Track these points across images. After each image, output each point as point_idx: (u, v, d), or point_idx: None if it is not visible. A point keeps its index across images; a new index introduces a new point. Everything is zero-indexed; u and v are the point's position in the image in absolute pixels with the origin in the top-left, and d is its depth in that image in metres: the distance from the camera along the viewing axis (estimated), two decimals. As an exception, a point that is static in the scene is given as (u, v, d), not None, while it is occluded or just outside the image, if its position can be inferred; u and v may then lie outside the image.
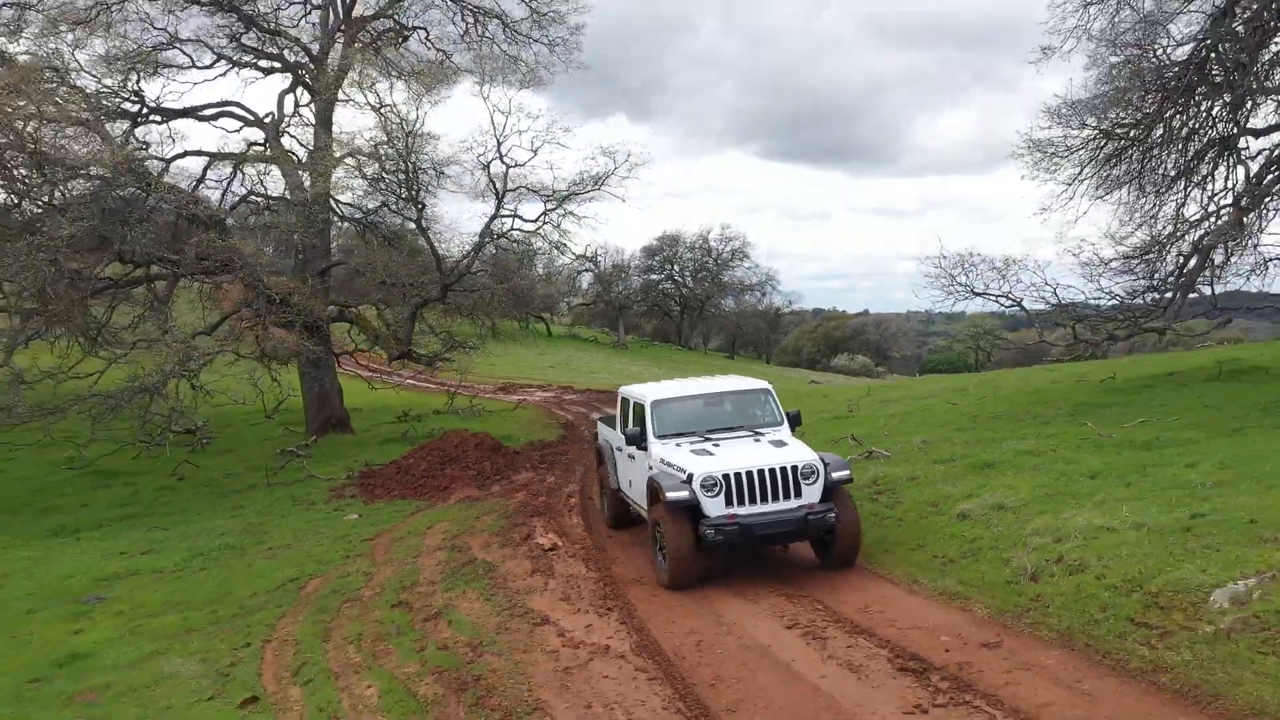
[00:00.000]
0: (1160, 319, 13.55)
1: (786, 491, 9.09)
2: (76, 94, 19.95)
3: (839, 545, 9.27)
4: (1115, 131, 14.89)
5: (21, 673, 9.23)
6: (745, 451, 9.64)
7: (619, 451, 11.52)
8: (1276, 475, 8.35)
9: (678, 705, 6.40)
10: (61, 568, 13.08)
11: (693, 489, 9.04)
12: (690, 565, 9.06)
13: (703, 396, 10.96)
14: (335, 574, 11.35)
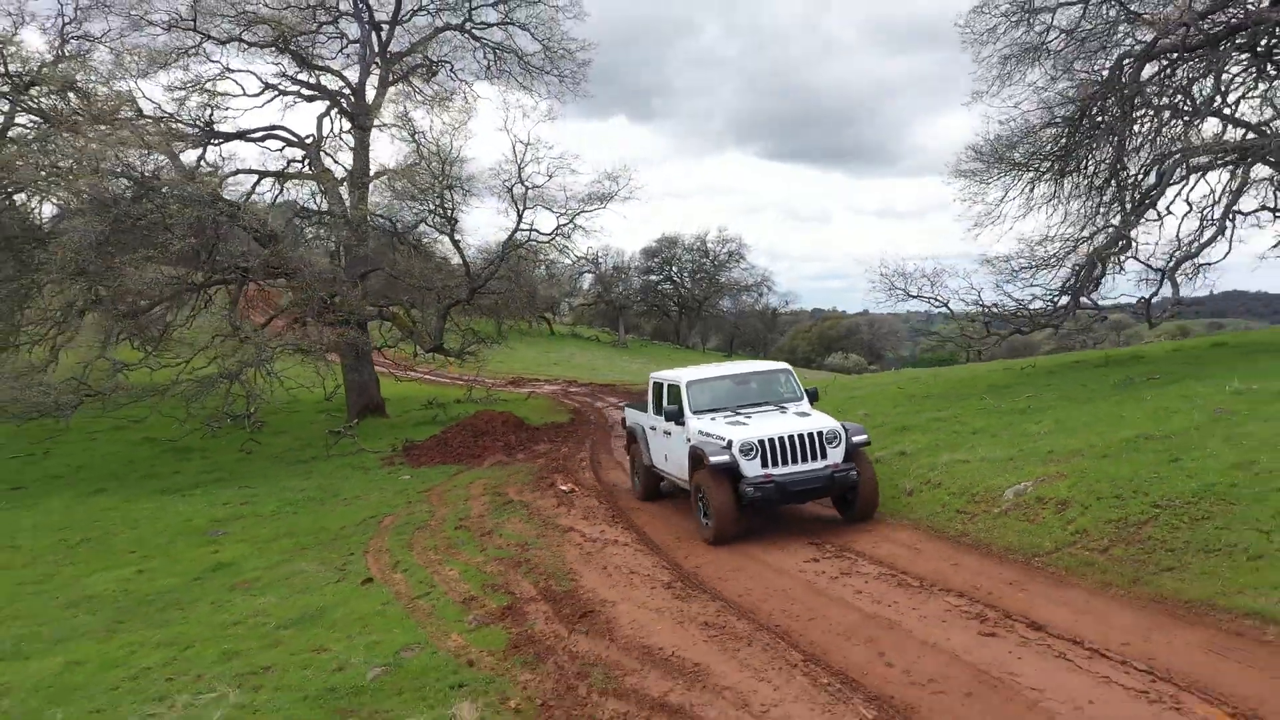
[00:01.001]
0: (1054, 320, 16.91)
1: (814, 454, 10.37)
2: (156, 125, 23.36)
3: (860, 499, 10.66)
4: (1028, 165, 18.35)
5: (185, 575, 12.62)
6: (775, 421, 10.92)
7: (652, 430, 12.98)
8: (1084, 427, 11.72)
9: (663, 565, 9.81)
10: (179, 514, 16.48)
11: (733, 454, 10.28)
12: (732, 520, 10.32)
13: (731, 376, 12.34)
14: (403, 514, 14.74)
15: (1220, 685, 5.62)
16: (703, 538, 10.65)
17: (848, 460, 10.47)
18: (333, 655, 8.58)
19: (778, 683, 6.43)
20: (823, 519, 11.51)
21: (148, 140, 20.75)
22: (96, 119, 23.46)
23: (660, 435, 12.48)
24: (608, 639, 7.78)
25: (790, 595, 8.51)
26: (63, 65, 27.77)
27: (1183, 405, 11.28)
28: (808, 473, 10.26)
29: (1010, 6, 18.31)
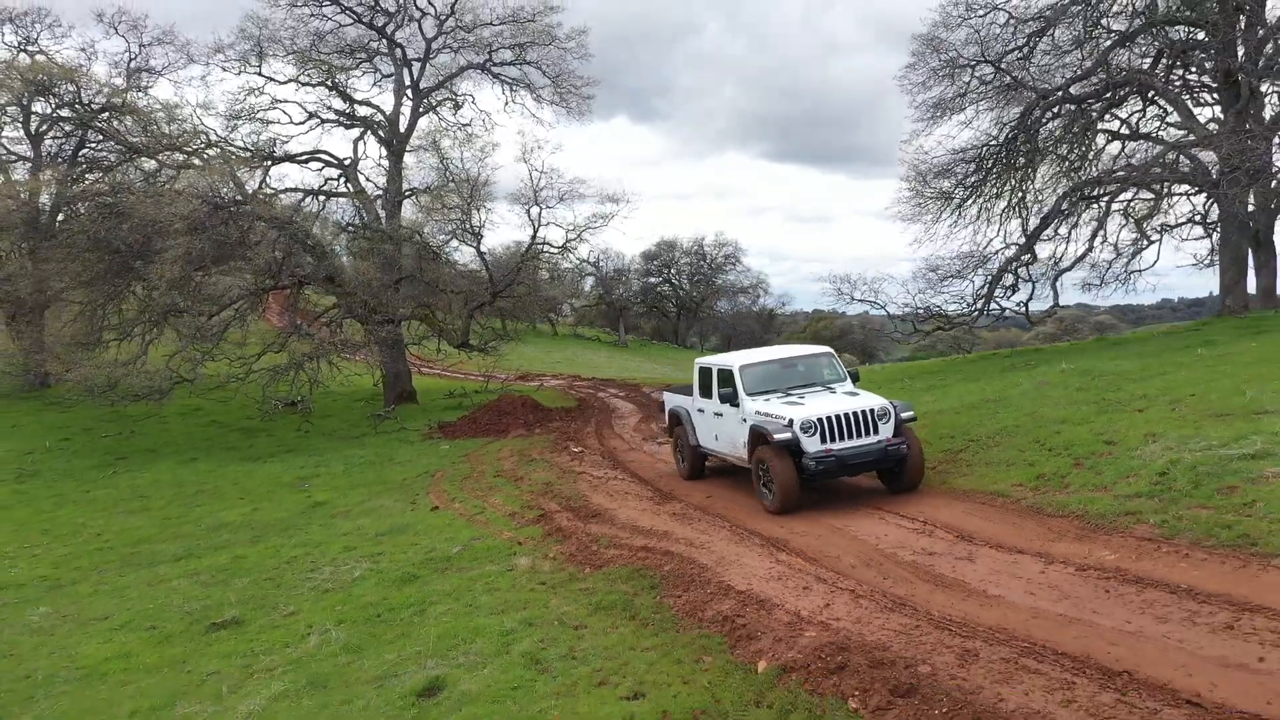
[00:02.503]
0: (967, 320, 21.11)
1: (867, 429, 11.04)
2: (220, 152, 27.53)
3: (908, 471, 11.28)
4: (951, 193, 22.55)
5: (292, 510, 16.79)
6: (828, 401, 11.53)
7: (700, 413, 13.73)
8: (956, 396, 15.87)
9: (649, 492, 13.98)
10: (268, 474, 20.66)
11: (794, 431, 10.91)
12: (794, 492, 10.98)
13: (780, 360, 12.92)
14: (450, 470, 18.89)
15: (961, 527, 9.79)
16: (767, 509, 11.34)
17: (897, 435, 11.15)
18: (423, 545, 12.77)
19: (711, 533, 10.65)
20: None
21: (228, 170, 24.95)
22: (170, 147, 27.80)
23: (709, 417, 13.24)
24: (610, 525, 11.98)
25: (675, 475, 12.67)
26: (131, 95, 32.10)
27: (1026, 380, 15.46)
28: (863, 447, 10.93)
29: (940, 64, 22.46)
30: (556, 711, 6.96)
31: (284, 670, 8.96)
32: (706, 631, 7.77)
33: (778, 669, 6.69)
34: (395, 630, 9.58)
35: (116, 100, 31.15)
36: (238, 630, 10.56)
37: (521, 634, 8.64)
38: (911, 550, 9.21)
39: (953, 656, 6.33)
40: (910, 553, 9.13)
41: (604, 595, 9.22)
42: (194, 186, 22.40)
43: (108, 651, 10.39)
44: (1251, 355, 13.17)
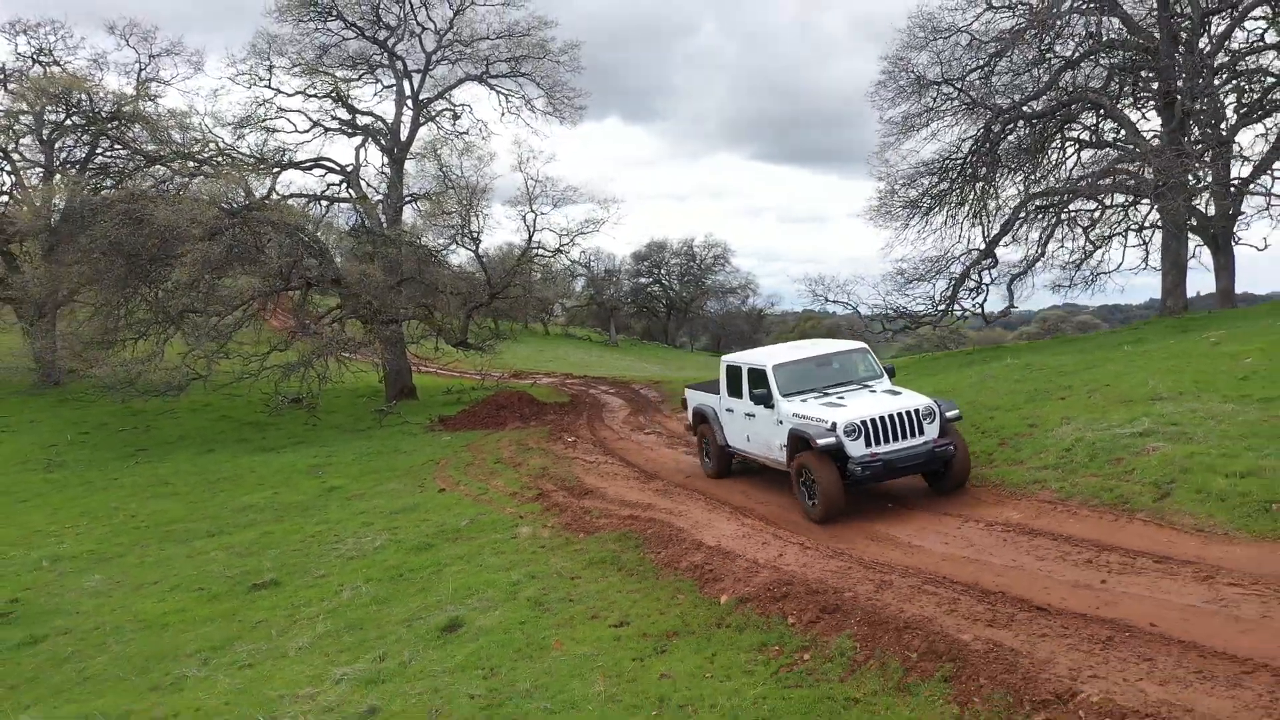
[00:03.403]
0: (931, 320, 22.80)
1: (913, 431, 10.53)
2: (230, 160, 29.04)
3: (954, 472, 10.77)
4: (919, 202, 24.25)
5: (310, 494, 18.34)
6: (870, 401, 11.01)
7: (728, 413, 13.28)
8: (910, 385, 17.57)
9: (638, 474, 15.60)
10: (283, 463, 22.19)
11: (838, 435, 10.37)
12: (840, 499, 10.38)
13: (814, 358, 12.31)
14: (453, 458, 20.46)
15: (900, 496, 11.43)
16: (809, 518, 10.78)
17: (942, 434, 10.70)
18: (434, 520, 14.36)
19: (689, 504, 12.30)
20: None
21: (239, 177, 26.48)
22: (182, 155, 29.32)
23: (740, 417, 12.83)
24: (600, 500, 13.60)
25: (659, 460, 14.29)
26: (141, 104, 33.58)
27: (974, 373, 17.15)
28: (910, 449, 10.44)
29: (908, 82, 24.16)
30: (557, 638, 8.57)
31: (324, 617, 10.55)
32: (681, 577, 9.39)
33: (736, 600, 8.32)
34: (416, 585, 11.19)
35: (128, 108, 32.66)
36: (277, 589, 12.14)
37: (526, 584, 10.26)
38: (856, 514, 10.87)
39: (872, 586, 7.97)
40: (855, 517, 10.79)
41: (595, 553, 10.84)
42: (211, 193, 23.90)
43: (164, 608, 11.97)
44: (1168, 352, 14.84)
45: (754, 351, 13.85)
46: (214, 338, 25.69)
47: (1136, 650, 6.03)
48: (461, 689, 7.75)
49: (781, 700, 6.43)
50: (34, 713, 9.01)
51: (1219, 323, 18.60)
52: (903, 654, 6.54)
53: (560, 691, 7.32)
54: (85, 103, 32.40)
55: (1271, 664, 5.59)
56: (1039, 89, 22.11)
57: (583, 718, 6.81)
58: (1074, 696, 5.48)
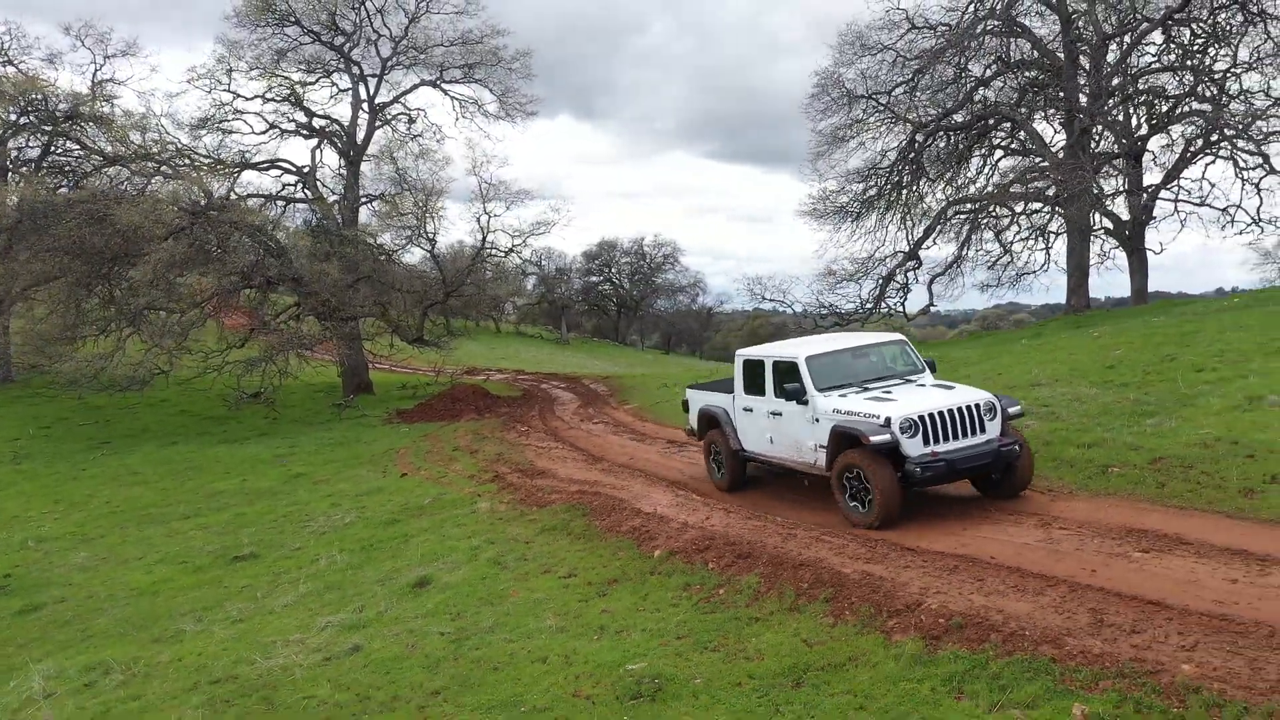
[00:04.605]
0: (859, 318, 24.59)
1: (973, 428, 9.64)
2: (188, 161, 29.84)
3: (1018, 474, 9.90)
4: (848, 207, 26.04)
5: (277, 480, 19.47)
6: (923, 396, 10.11)
7: (746, 412, 11.98)
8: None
9: (586, 457, 17.03)
10: (247, 453, 23.23)
11: (893, 432, 9.39)
12: (898, 502, 9.46)
13: (850, 349, 11.28)
14: (412, 447, 21.69)
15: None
16: (857, 524, 9.75)
17: (1003, 433, 9.90)
18: (398, 500, 15.66)
19: (630, 480, 13.79)
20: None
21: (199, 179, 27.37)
22: (141, 156, 30.06)
23: (761, 417, 11.61)
24: (552, 479, 15.03)
25: (606, 445, 15.77)
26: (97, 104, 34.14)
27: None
28: (973, 448, 9.58)
29: (839, 95, 25.91)
30: (514, 588, 9.99)
31: (304, 581, 11.84)
32: (622, 538, 10.85)
33: (667, 552, 9.82)
34: (387, 553, 12.52)
35: (84, 109, 33.21)
36: (256, 561, 13.38)
37: (485, 549, 11.65)
38: (776, 490, 12.45)
39: (779, 538, 9.52)
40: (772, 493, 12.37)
41: (547, 522, 12.27)
42: (173, 194, 24.82)
43: (152, 578, 13.15)
44: (1057, 345, 16.67)
45: (778, 344, 12.90)
46: (174, 335, 26.57)
47: (973, 574, 7.65)
48: (433, 629, 9.13)
49: (699, 622, 7.94)
50: (48, 664, 10.17)
51: (1108, 320, 20.56)
52: (796, 585, 8.09)
53: (518, 627, 8.75)
54: (41, 102, 32.88)
55: (1069, 580, 7.23)
56: (958, 104, 24.03)
57: (537, 644, 8.23)
58: (920, 605, 7.06)
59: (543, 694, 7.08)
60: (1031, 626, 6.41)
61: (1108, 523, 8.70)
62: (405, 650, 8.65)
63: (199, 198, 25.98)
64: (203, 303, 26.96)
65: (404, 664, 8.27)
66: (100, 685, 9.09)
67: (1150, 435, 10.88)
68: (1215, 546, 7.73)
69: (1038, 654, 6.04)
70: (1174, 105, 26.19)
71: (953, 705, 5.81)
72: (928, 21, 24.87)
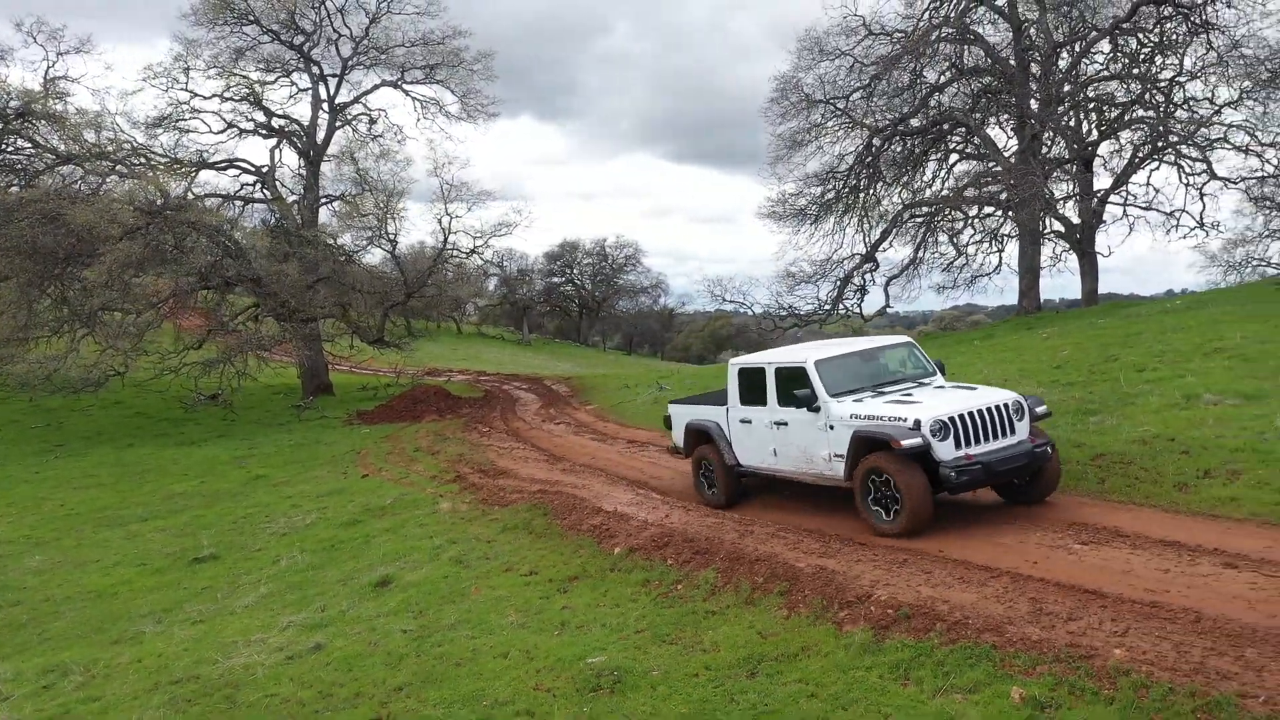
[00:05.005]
0: (818, 320, 24.98)
1: (1003, 429, 9.23)
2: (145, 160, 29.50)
3: (1046, 479, 9.49)
4: (806, 210, 26.43)
5: (237, 482, 19.37)
6: (948, 397, 9.73)
7: (744, 424, 11.31)
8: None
9: (547, 457, 17.16)
10: (206, 455, 23.05)
11: (923, 435, 8.93)
12: (929, 510, 8.98)
13: (859, 353, 10.88)
14: (374, 448, 21.67)
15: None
16: (883, 533, 9.18)
17: (1031, 434, 9.49)
18: (360, 501, 15.70)
19: (591, 479, 13.96)
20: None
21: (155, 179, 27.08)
22: (96, 155, 29.66)
23: (762, 428, 10.96)
24: (514, 479, 15.15)
25: (567, 445, 15.95)
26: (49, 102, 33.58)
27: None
28: (1007, 450, 9.14)
29: (798, 99, 26.29)
30: (476, 586, 10.12)
31: (265, 581, 11.87)
32: (583, 536, 11.02)
33: (627, 550, 10.01)
34: (348, 553, 12.58)
35: (37, 106, 32.65)
36: (217, 562, 13.36)
37: (447, 548, 11.77)
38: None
39: (736, 535, 9.77)
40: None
41: (509, 521, 12.40)
42: (129, 194, 24.55)
43: (109, 580, 13.08)
44: (1008, 346, 17.13)
45: (779, 350, 12.31)
46: (130, 336, 26.27)
47: (921, 567, 7.93)
48: (395, 627, 9.24)
49: (658, 616, 8.14)
50: (4, 667, 10.12)
51: (1057, 321, 21.10)
52: (752, 579, 8.32)
53: (480, 623, 8.88)
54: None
55: (1012, 571, 7.53)
56: (913, 109, 24.52)
57: (498, 640, 8.37)
58: (870, 597, 7.32)
59: (505, 688, 7.23)
60: (975, 615, 6.69)
61: (1050, 517, 9.05)
62: (368, 648, 8.75)
63: (155, 197, 25.72)
64: (159, 304, 26.72)
65: (366, 661, 8.38)
66: (59, 687, 9.08)
67: (1093, 433, 11.27)
68: (1150, 538, 8.08)
69: (980, 641, 6.31)
70: (1122, 112, 26.89)
71: (899, 691, 6.06)
72: (884, 28, 25.41)
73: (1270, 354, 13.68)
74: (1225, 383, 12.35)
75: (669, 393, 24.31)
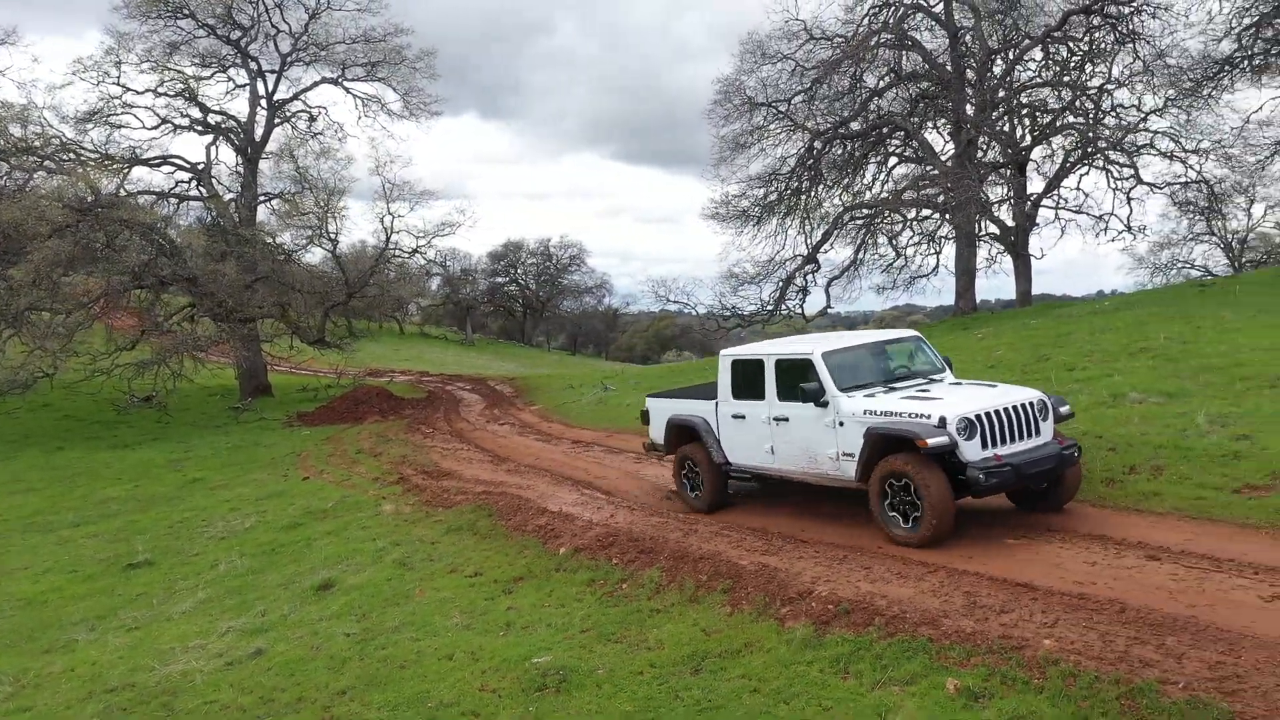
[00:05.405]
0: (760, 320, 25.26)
1: (1028, 429, 8.71)
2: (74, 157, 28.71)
3: (1067, 484, 8.98)
4: (749, 212, 26.71)
5: (173, 486, 18.95)
6: (969, 393, 9.20)
7: (737, 420, 10.64)
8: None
9: (491, 458, 17.11)
10: (139, 459, 22.50)
11: (949, 433, 8.31)
12: (952, 515, 8.39)
13: (867, 346, 10.22)
14: (315, 450, 21.38)
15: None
16: (900, 540, 8.58)
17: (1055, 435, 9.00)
18: (301, 504, 15.49)
19: (536, 480, 13.96)
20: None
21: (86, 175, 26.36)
22: (22, 150, 28.78)
23: (758, 425, 10.29)
24: (458, 480, 15.08)
25: (511, 446, 15.96)
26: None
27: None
28: (1035, 450, 8.59)
29: (741, 102, 26.53)
30: (420, 588, 10.08)
31: (203, 587, 11.66)
32: (528, 537, 11.02)
33: (572, 550, 10.04)
34: (289, 557, 12.41)
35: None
36: (152, 568, 13.07)
37: (391, 550, 11.68)
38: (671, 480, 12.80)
39: (681, 534, 9.86)
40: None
41: (453, 523, 12.35)
42: (58, 190, 23.87)
43: (40, 588, 12.72)
44: (943, 346, 17.32)
45: (778, 341, 11.65)
46: (59, 336, 25.55)
47: (861, 563, 8.11)
48: (338, 630, 9.16)
49: (603, 616, 8.19)
50: (-72, 679, 9.81)
51: (991, 322, 21.65)
52: (696, 577, 8.42)
53: (424, 625, 8.85)
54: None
55: (948, 566, 7.76)
56: (854, 113, 24.96)
57: (443, 642, 8.35)
58: (811, 593, 7.47)
59: (449, 689, 7.23)
60: (912, 609, 6.87)
61: (984, 513, 9.30)
62: (310, 652, 8.66)
63: (86, 194, 25.03)
64: (90, 303, 26.00)
65: (309, 665, 8.30)
66: (-13, 697, 8.84)
67: (1026, 431, 11.59)
68: (1078, 533, 8.36)
69: (917, 634, 6.48)
70: (1054, 118, 27.64)
71: (839, 685, 6.20)
72: (825, 33, 25.82)
73: (1192, 353, 14.22)
74: (1150, 382, 12.80)
75: (613, 393, 24.39)
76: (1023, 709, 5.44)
